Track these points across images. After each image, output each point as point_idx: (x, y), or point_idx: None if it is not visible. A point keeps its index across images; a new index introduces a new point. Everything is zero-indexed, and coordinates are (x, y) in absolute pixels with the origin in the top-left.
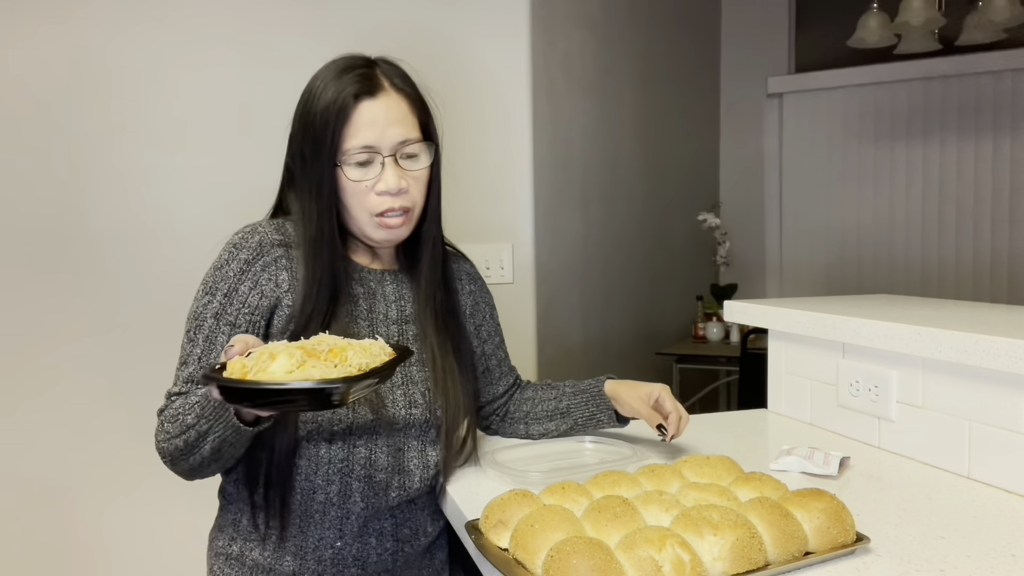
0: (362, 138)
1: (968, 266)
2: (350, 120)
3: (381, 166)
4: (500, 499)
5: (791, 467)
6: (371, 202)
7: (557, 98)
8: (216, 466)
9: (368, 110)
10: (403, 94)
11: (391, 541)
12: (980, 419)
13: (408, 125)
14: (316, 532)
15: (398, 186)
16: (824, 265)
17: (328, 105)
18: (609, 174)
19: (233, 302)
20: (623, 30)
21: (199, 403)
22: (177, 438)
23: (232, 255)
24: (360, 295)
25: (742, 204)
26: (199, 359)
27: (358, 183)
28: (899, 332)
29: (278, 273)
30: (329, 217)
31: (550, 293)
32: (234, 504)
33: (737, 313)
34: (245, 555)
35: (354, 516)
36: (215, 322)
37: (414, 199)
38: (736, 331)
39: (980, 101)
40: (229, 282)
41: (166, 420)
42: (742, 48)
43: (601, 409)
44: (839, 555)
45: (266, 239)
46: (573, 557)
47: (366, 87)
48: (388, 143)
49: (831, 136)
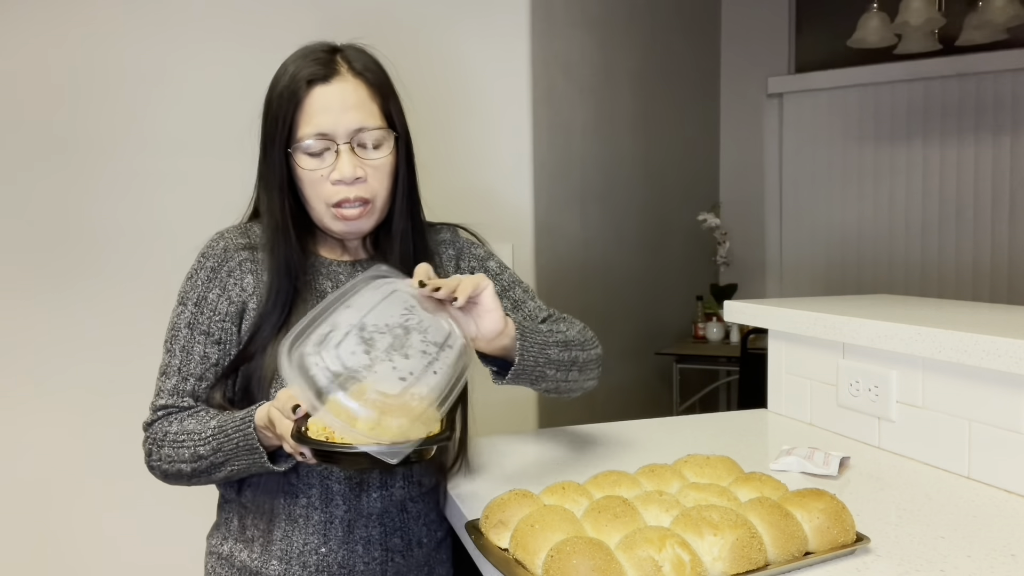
0: (315, 125)
1: (968, 266)
2: (302, 106)
3: (336, 154)
4: (500, 499)
5: (791, 467)
6: (327, 192)
7: (557, 98)
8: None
9: (321, 96)
10: (362, 79)
11: (379, 550)
12: (980, 419)
13: (366, 111)
14: (300, 537)
15: (353, 175)
16: (824, 265)
17: (282, 91)
18: (609, 174)
19: (204, 311)
20: (623, 30)
21: (215, 437)
22: (184, 464)
23: (200, 264)
24: (328, 289)
25: (742, 204)
26: (178, 370)
27: (313, 172)
28: (899, 332)
29: (243, 277)
30: (282, 207)
31: (550, 293)
32: (227, 504)
33: (737, 313)
34: (235, 556)
35: (337, 520)
36: (189, 332)
37: (373, 189)
38: (736, 331)
39: (980, 101)
40: (198, 291)
41: (165, 444)
42: (742, 48)
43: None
44: (839, 555)
45: (231, 244)
46: (573, 557)
47: (321, 72)
48: (343, 130)
49: (831, 136)
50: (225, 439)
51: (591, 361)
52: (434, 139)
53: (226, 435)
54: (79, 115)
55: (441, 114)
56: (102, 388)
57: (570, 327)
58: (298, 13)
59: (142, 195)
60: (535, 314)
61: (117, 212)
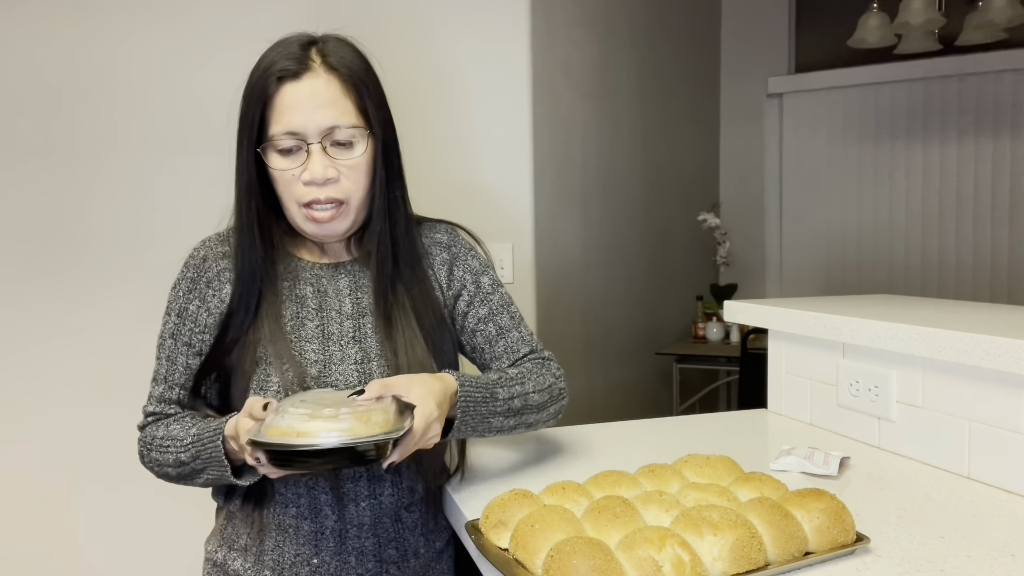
0: (285, 123)
1: (968, 266)
2: (272, 104)
3: (307, 154)
4: (500, 499)
5: (791, 467)
6: (298, 192)
7: (557, 99)
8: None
9: (291, 93)
10: (336, 74)
11: (373, 561)
12: (980, 419)
13: (339, 109)
14: (292, 548)
15: (324, 175)
16: (824, 265)
17: (251, 88)
18: (609, 174)
19: (185, 322)
20: (623, 31)
21: (194, 444)
22: (170, 468)
23: (182, 274)
24: (308, 294)
25: (742, 204)
26: (164, 378)
27: (283, 172)
28: (899, 332)
29: (222, 287)
30: (248, 207)
31: (550, 293)
32: (222, 511)
33: (737, 313)
34: (228, 564)
35: (328, 531)
36: (173, 342)
37: (346, 190)
38: (736, 331)
39: (980, 101)
40: (179, 302)
41: (153, 448)
42: (742, 48)
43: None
44: (839, 555)
45: (211, 253)
46: (573, 557)
47: (291, 68)
48: (314, 128)
49: (831, 136)
50: (201, 447)
51: (546, 418)
52: (434, 139)
53: (202, 443)
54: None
55: (441, 114)
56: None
57: (540, 377)
58: (297, 13)
59: (140, 193)
60: (515, 347)
61: (115, 210)
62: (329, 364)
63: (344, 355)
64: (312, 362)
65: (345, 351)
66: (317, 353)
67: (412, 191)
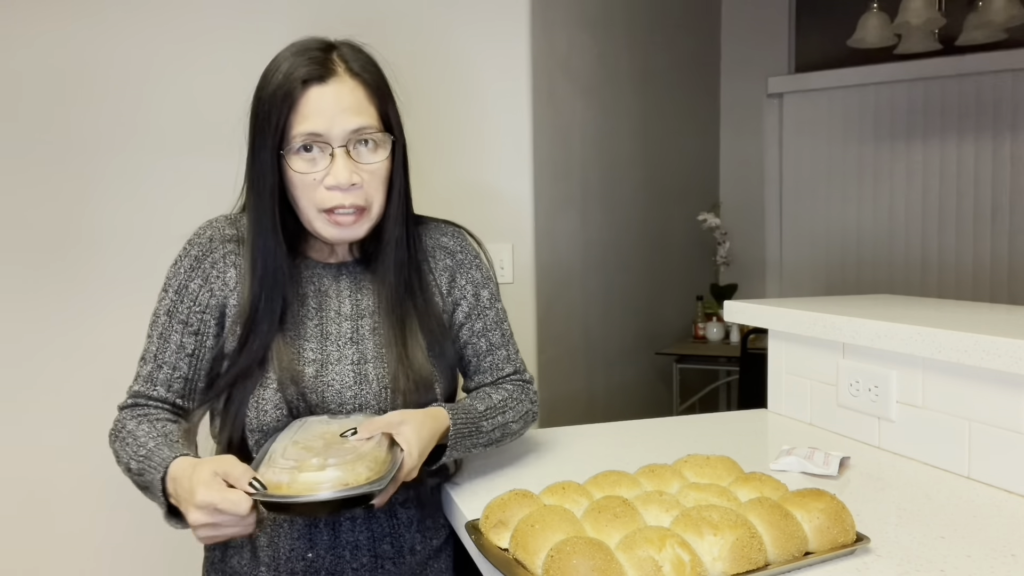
0: (309, 125)
1: (968, 266)
2: (296, 107)
3: (331, 158)
4: (500, 499)
5: (791, 467)
6: (320, 197)
7: (557, 98)
8: None
9: (317, 97)
10: (359, 80)
11: (367, 556)
12: (980, 419)
13: (364, 114)
14: (287, 543)
15: (349, 180)
16: (824, 265)
17: (275, 90)
18: (609, 174)
19: (184, 299)
20: (623, 30)
21: (144, 459)
22: (122, 465)
23: (185, 251)
24: (309, 293)
25: (742, 204)
26: (154, 356)
27: (305, 175)
28: (899, 332)
29: (226, 270)
30: (272, 211)
31: (550, 293)
32: None
33: (737, 313)
34: (226, 561)
35: (322, 524)
36: (168, 319)
37: (369, 196)
38: (736, 331)
39: (980, 101)
40: (180, 279)
41: (119, 438)
42: (742, 48)
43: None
44: (839, 555)
45: (217, 234)
46: (573, 557)
47: (316, 72)
48: (339, 132)
49: (831, 136)
50: (148, 467)
51: (516, 438)
52: (434, 139)
53: (150, 464)
54: (78, 115)
55: (441, 114)
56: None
57: (519, 404)
58: (296, 13)
59: (142, 196)
60: (500, 366)
61: (118, 213)
62: (326, 364)
63: (341, 356)
64: (309, 361)
65: (342, 352)
66: (315, 352)
67: (412, 191)
